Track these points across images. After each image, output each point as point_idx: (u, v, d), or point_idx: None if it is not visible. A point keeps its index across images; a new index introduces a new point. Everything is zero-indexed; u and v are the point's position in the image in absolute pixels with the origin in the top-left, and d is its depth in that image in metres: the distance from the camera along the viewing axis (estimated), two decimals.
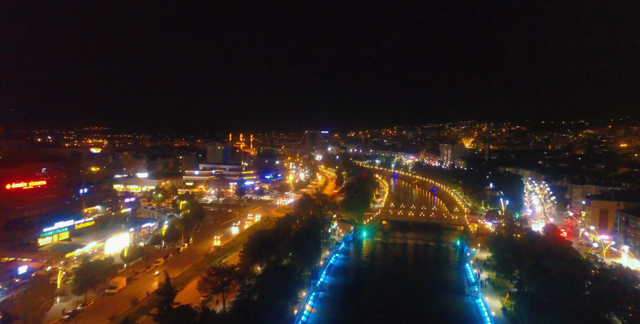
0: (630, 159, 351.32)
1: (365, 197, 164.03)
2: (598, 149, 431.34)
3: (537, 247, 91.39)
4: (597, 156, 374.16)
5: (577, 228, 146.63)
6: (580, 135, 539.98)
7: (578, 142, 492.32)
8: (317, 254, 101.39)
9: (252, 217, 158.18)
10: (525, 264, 76.65)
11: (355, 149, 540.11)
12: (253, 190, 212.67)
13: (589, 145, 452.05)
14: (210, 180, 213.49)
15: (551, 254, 78.49)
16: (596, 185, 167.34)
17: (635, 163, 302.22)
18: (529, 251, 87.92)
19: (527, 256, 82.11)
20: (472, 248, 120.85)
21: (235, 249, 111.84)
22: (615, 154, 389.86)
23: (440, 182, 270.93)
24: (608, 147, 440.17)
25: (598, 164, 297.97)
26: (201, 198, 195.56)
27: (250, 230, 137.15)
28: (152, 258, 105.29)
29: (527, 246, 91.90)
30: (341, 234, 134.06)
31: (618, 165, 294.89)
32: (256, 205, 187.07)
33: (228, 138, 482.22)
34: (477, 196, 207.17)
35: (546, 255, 77.85)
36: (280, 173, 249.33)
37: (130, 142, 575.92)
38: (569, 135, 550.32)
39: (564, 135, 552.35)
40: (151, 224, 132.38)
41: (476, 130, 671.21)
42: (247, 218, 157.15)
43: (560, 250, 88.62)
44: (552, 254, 78.14)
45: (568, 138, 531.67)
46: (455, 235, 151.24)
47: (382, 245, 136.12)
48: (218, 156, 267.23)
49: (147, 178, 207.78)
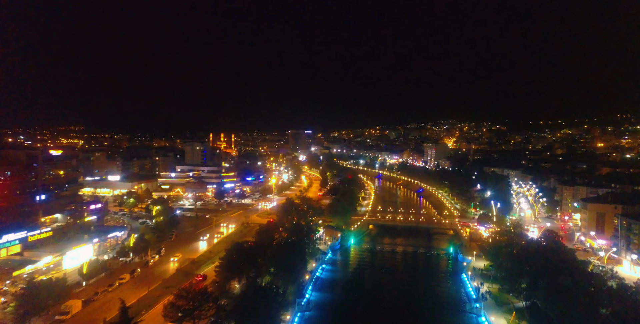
0: (609, 159, 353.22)
1: (352, 201, 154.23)
2: (577, 149, 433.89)
3: (541, 257, 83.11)
4: (577, 155, 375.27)
5: (569, 231, 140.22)
6: (558, 135, 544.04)
7: (557, 141, 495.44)
8: (303, 267, 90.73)
9: (232, 224, 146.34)
10: (540, 280, 67.72)
11: (339, 149, 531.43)
12: (233, 193, 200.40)
13: (568, 145, 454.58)
14: (187, 183, 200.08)
15: (559, 266, 69.76)
16: (587, 187, 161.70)
17: (615, 163, 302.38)
18: (535, 263, 79.33)
19: (536, 270, 73.28)
20: (468, 256, 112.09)
21: (212, 261, 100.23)
22: (594, 153, 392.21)
23: (425, 183, 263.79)
24: (587, 147, 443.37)
25: (580, 164, 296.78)
26: (178, 202, 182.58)
27: (229, 238, 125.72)
28: (116, 273, 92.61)
29: (532, 257, 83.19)
30: (327, 242, 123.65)
31: (599, 164, 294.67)
32: (236, 209, 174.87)
33: (208, 138, 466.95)
34: (464, 198, 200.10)
35: (558, 269, 68.99)
36: (263, 175, 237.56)
37: (107, 142, 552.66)
38: (548, 134, 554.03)
39: (542, 134, 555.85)
40: (119, 233, 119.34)
41: (457, 130, 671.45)
42: (226, 224, 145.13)
43: (566, 261, 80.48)
44: (560, 266, 69.62)
45: (547, 138, 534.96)
46: (446, 240, 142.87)
47: (371, 252, 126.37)
48: (197, 157, 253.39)
49: (120, 181, 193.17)
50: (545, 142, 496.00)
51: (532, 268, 77.44)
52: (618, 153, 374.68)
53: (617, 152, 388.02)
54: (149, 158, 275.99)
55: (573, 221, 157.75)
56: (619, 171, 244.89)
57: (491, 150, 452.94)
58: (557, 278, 63.97)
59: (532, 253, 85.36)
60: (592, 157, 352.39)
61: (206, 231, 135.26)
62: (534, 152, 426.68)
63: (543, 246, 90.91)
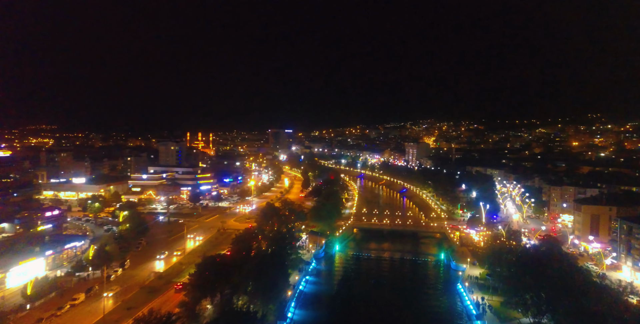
0: (585, 157, 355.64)
1: (336, 204, 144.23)
2: (554, 147, 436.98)
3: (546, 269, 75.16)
4: (554, 154, 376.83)
5: (560, 234, 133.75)
6: (534, 134, 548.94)
7: (534, 140, 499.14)
8: (284, 282, 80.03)
9: (207, 229, 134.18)
10: (560, 301, 59.15)
11: (320, 148, 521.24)
12: (210, 195, 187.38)
13: (545, 144, 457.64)
14: (160, 185, 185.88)
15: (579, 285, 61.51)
16: (575, 187, 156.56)
17: (594, 162, 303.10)
18: (540, 275, 71.20)
19: (545, 284, 64.92)
20: (461, 263, 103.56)
21: (183, 274, 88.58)
22: (571, 152, 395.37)
23: (409, 183, 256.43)
24: (563, 145, 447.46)
25: (559, 163, 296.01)
26: (149, 206, 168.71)
27: (204, 247, 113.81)
28: (69, 292, 79.75)
29: (535, 268, 74.99)
30: (311, 249, 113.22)
31: (578, 163, 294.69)
32: (213, 213, 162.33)
33: (185, 138, 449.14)
34: (450, 198, 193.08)
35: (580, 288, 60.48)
36: (241, 176, 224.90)
37: (80, 142, 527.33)
38: (524, 133, 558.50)
39: (519, 133, 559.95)
40: (79, 243, 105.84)
41: (437, 129, 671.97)
42: (201, 230, 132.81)
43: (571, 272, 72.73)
44: (579, 285, 61.46)
45: (524, 137, 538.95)
46: (434, 245, 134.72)
47: (357, 260, 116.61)
48: (171, 157, 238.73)
49: (86, 184, 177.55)
50: (523, 141, 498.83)
51: (538, 282, 69.20)
52: (593, 152, 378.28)
53: (592, 150, 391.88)
54: (121, 159, 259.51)
55: (562, 222, 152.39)
56: (598, 170, 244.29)
57: (471, 149, 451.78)
58: (580, 299, 55.49)
59: (535, 263, 77.15)
60: (570, 156, 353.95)
61: (178, 238, 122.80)
62: (512, 151, 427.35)
63: (545, 255, 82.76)
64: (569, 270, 74.54)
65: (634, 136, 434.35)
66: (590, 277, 75.13)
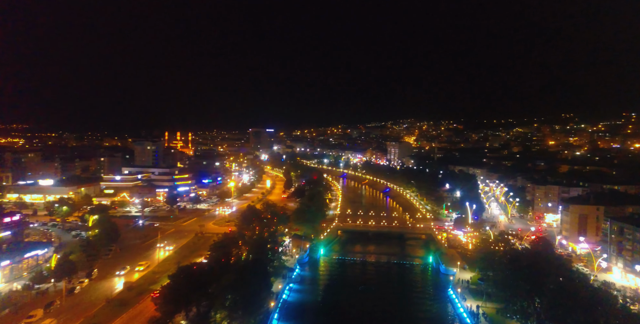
0: (562, 156, 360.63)
1: (320, 206, 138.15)
2: (532, 146, 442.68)
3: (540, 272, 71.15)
4: (532, 153, 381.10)
5: (545, 234, 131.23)
6: (512, 133, 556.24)
7: (512, 139, 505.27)
8: (267, 292, 73.56)
9: (184, 234, 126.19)
10: (563, 311, 54.70)
11: (302, 148, 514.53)
12: (188, 197, 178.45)
13: (523, 143, 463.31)
14: (135, 187, 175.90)
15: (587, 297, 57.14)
16: (559, 186, 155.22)
17: (571, 161, 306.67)
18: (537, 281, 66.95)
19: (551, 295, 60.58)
20: (451, 267, 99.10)
21: (156, 284, 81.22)
22: (548, 151, 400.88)
23: (392, 182, 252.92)
24: (540, 145, 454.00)
25: (538, 162, 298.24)
26: (123, 209, 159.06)
27: (180, 253, 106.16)
28: (26, 308, 71.23)
29: (532, 272, 70.70)
30: (294, 254, 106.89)
31: (555, 162, 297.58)
32: (191, 215, 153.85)
33: (164, 137, 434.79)
34: (434, 198, 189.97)
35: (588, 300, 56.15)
36: (221, 177, 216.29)
37: (53, 141, 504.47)
38: (502, 133, 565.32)
39: (497, 133, 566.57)
40: (41, 251, 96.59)
41: (417, 129, 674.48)
42: (177, 235, 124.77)
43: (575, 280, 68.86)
44: (587, 296, 57.15)
45: (502, 136, 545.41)
46: (420, 246, 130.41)
47: (342, 264, 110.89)
48: (148, 157, 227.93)
49: (54, 186, 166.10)
50: (502, 141, 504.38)
51: (536, 288, 64.92)
52: (570, 151, 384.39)
53: (568, 149, 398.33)
54: (94, 159, 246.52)
55: (547, 222, 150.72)
56: (577, 169, 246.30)
57: (452, 148, 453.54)
58: (590, 313, 51.13)
59: (530, 268, 72.91)
60: (547, 155, 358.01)
61: (153, 244, 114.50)
62: (492, 150, 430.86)
63: (540, 259, 78.69)
64: (567, 276, 70.70)
65: (606, 135, 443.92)
66: (587, 282, 71.30)
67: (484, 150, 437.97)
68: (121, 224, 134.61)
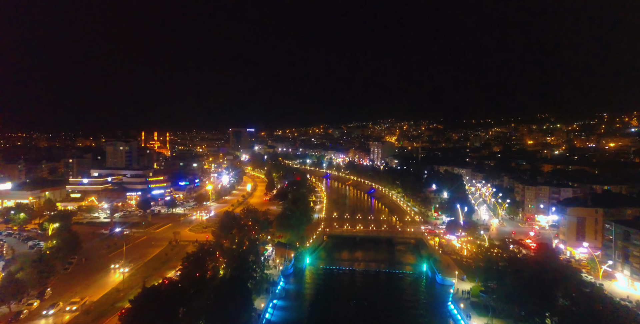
0: (541, 155, 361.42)
1: (305, 210, 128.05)
2: (511, 146, 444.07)
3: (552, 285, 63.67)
4: (513, 153, 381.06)
5: (539, 237, 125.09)
6: (490, 133, 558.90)
7: (492, 139, 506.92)
8: (248, 314, 63.25)
9: (156, 242, 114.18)
10: None
11: (284, 148, 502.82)
12: (163, 200, 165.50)
13: (503, 143, 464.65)
14: (105, 190, 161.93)
15: None
16: (549, 186, 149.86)
17: (553, 160, 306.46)
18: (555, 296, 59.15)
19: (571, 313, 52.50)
20: (448, 277, 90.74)
21: (118, 305, 69.79)
22: (527, 151, 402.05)
23: (376, 183, 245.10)
24: (519, 144, 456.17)
25: (519, 161, 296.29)
26: (90, 215, 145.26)
27: (150, 265, 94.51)
28: None
29: (546, 287, 62.95)
30: (278, 265, 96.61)
31: (536, 161, 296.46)
32: (165, 221, 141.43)
33: (140, 137, 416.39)
34: (420, 199, 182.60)
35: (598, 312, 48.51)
36: (199, 178, 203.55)
37: (22, 142, 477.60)
38: (481, 132, 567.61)
39: (477, 132, 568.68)
40: None
41: (398, 128, 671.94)
42: (148, 243, 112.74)
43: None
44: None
45: (481, 136, 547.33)
46: (411, 252, 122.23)
47: (329, 274, 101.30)
48: (120, 158, 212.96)
49: (13, 190, 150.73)
50: (482, 140, 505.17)
51: (551, 304, 57.12)
52: (548, 150, 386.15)
53: (546, 149, 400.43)
54: (63, 161, 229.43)
55: (539, 224, 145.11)
56: (560, 168, 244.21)
57: (434, 148, 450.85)
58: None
59: (540, 279, 65.13)
60: (527, 154, 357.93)
61: (120, 255, 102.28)
62: (473, 150, 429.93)
63: (549, 269, 71.00)
64: (578, 287, 63.22)
65: (582, 134, 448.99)
66: (603, 294, 63.89)
67: (465, 149, 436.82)
68: (86, 232, 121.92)
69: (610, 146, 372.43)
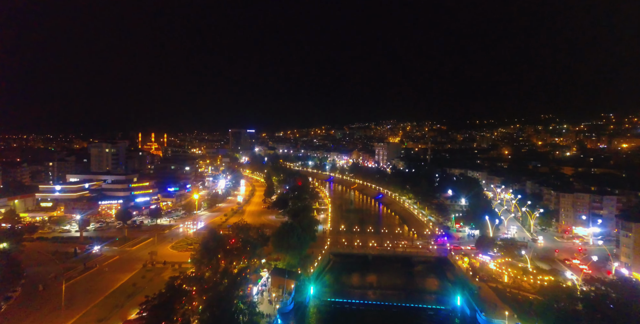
0: (554, 157, 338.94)
1: (309, 225, 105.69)
2: (520, 147, 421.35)
3: None
4: (523, 154, 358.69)
5: (584, 256, 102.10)
6: (496, 134, 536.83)
7: (498, 140, 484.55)
8: None
9: (130, 264, 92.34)
10: None
11: (285, 149, 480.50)
12: (147, 209, 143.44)
13: (510, 144, 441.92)
14: (81, 198, 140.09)
15: None
16: (589, 194, 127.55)
17: (562, 161, 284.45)
18: None
19: None
20: (494, 316, 68.54)
21: None
22: (537, 152, 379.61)
23: (384, 187, 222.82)
24: (528, 145, 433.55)
25: (533, 163, 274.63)
26: (61, 228, 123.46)
27: (113, 298, 72.63)
28: None
29: None
30: (275, 298, 74.54)
31: (550, 163, 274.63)
32: (146, 234, 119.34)
33: (137, 138, 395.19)
34: (435, 206, 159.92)
35: None
36: (191, 184, 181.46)
37: (16, 144, 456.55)
38: (486, 133, 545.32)
39: (481, 133, 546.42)
40: None
41: (400, 129, 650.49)
42: (117, 266, 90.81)
43: None
44: None
45: (486, 137, 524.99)
46: (433, 274, 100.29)
47: (338, 311, 79.26)
48: (105, 161, 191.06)
49: None
50: (488, 141, 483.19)
51: None
52: (559, 152, 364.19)
53: (556, 150, 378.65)
54: (46, 164, 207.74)
55: (576, 237, 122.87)
56: (582, 171, 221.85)
57: (439, 149, 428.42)
58: None
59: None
60: (538, 156, 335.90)
61: (79, 284, 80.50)
62: (481, 151, 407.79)
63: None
64: None
65: (592, 135, 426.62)
66: None
67: (472, 150, 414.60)
68: (47, 250, 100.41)
69: (622, 147, 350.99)
